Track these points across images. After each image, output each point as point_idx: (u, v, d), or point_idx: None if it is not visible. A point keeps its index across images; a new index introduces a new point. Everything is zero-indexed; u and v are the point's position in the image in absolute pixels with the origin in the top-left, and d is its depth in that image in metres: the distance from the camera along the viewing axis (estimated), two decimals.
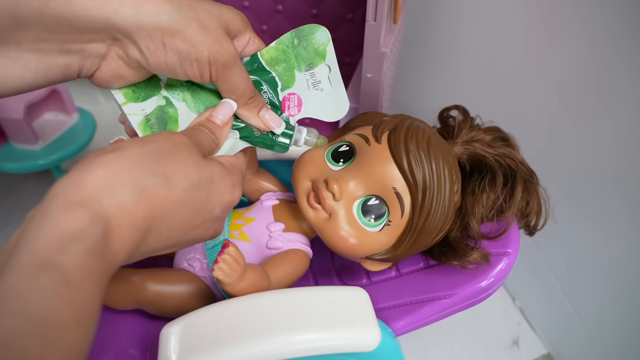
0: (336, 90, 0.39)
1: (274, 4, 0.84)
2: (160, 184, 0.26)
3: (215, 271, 0.35)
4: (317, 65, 0.38)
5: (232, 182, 0.32)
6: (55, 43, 0.29)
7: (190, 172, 0.28)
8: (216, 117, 0.34)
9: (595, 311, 0.67)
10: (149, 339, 0.42)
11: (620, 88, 0.55)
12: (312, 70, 0.38)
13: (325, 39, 0.37)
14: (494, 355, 0.75)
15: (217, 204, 0.30)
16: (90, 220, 0.23)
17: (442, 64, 0.85)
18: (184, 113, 0.35)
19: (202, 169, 0.29)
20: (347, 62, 0.86)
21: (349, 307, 0.36)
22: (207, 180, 0.29)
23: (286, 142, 0.38)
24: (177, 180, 0.27)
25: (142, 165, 0.26)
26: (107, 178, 0.24)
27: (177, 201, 0.27)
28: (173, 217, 0.27)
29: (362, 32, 0.53)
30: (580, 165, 0.63)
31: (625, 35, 0.52)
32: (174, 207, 0.27)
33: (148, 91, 0.35)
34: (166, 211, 0.27)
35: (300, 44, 0.37)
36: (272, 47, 0.37)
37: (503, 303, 0.82)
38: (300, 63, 0.38)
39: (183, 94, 0.35)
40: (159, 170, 0.26)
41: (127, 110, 0.34)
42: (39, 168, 0.81)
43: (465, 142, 0.43)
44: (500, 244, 0.42)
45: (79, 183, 0.24)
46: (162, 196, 0.26)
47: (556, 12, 0.60)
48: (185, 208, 0.28)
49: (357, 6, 0.78)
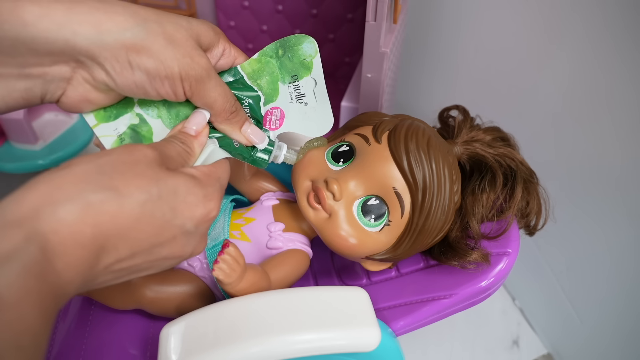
0: (321, 105, 0.37)
1: (274, 4, 0.84)
2: (109, 198, 0.24)
3: (215, 271, 0.35)
4: (302, 78, 0.36)
5: (205, 194, 0.29)
6: (14, 67, 0.27)
7: (147, 184, 0.26)
8: (189, 128, 0.32)
9: (595, 311, 0.67)
10: (149, 339, 0.42)
11: (621, 87, 0.55)
12: (297, 83, 0.36)
13: (313, 51, 0.36)
14: (494, 355, 0.75)
15: (186, 219, 0.28)
16: (25, 238, 0.21)
17: (442, 64, 0.85)
18: (159, 130, 0.34)
19: (162, 181, 0.27)
20: (347, 62, 0.86)
21: (349, 307, 0.36)
22: (169, 193, 0.27)
23: (265, 158, 0.36)
24: (130, 194, 0.25)
25: (89, 179, 0.24)
26: (48, 194, 0.23)
27: (132, 217, 0.25)
28: (131, 235, 0.25)
29: (362, 32, 0.53)
30: (581, 164, 0.63)
31: (625, 35, 0.52)
32: (130, 224, 0.25)
33: (120, 108, 0.33)
34: (121, 228, 0.24)
35: (285, 55, 0.36)
36: (254, 60, 0.36)
37: (503, 303, 0.82)
38: (285, 75, 0.36)
39: (158, 109, 0.33)
40: (109, 184, 0.24)
41: (99, 132, 0.32)
42: (39, 168, 0.81)
43: (465, 142, 0.43)
44: (500, 244, 0.42)
45: (19, 200, 0.22)
46: (113, 211, 0.24)
47: (556, 12, 0.60)
48: (144, 224, 0.26)
49: (357, 6, 0.78)
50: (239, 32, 0.91)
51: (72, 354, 0.40)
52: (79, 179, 0.24)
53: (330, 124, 0.38)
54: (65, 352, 0.40)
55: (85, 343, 0.40)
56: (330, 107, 0.37)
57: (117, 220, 0.24)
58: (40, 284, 0.21)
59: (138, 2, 0.91)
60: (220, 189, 0.32)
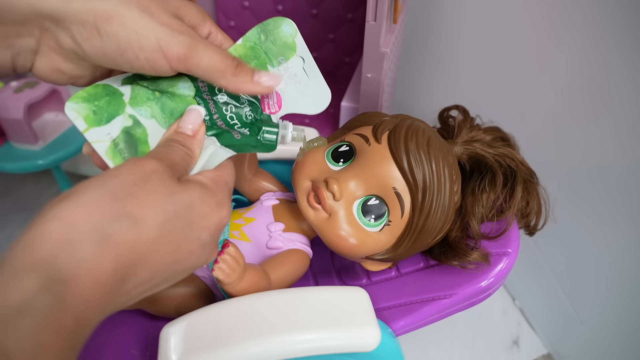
0: (314, 81, 0.37)
1: (274, 4, 0.84)
2: (126, 226, 0.23)
3: (215, 271, 0.35)
4: (290, 59, 0.36)
5: (217, 201, 0.28)
6: None
7: (162, 204, 0.24)
8: (185, 127, 0.30)
9: (595, 311, 0.67)
10: (149, 339, 0.42)
11: (621, 87, 0.55)
12: (286, 64, 0.36)
13: (292, 30, 0.35)
14: (494, 355, 0.75)
15: (202, 230, 0.27)
16: (39, 288, 0.20)
17: (442, 64, 0.85)
18: (154, 131, 0.32)
19: (177, 196, 0.25)
20: (347, 62, 0.86)
21: (349, 307, 0.36)
22: (185, 208, 0.25)
23: (272, 139, 0.35)
24: (146, 219, 0.23)
25: (102, 210, 0.22)
26: (61, 234, 0.21)
27: (151, 241, 0.24)
28: (152, 258, 0.24)
29: (362, 32, 0.53)
30: (580, 164, 0.63)
31: (625, 35, 0.52)
32: (150, 248, 0.24)
33: (111, 110, 0.31)
34: (141, 254, 0.23)
35: (268, 39, 0.35)
36: (240, 45, 0.35)
37: (503, 303, 0.82)
38: (272, 58, 0.36)
39: (151, 109, 0.32)
40: (123, 211, 0.23)
41: (90, 138, 0.30)
42: (39, 168, 0.81)
43: (465, 142, 0.43)
44: (500, 244, 0.42)
45: (30, 244, 0.21)
46: (132, 240, 0.23)
47: (556, 12, 0.60)
48: (163, 245, 0.24)
49: (357, 6, 0.78)
50: (239, 32, 0.91)
51: None
52: (92, 212, 0.22)
53: (328, 96, 0.37)
54: None
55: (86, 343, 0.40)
56: (324, 81, 0.37)
57: (136, 247, 0.23)
58: (57, 337, 0.20)
59: None
60: (229, 193, 0.30)
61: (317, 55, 0.90)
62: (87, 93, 0.31)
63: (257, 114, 0.36)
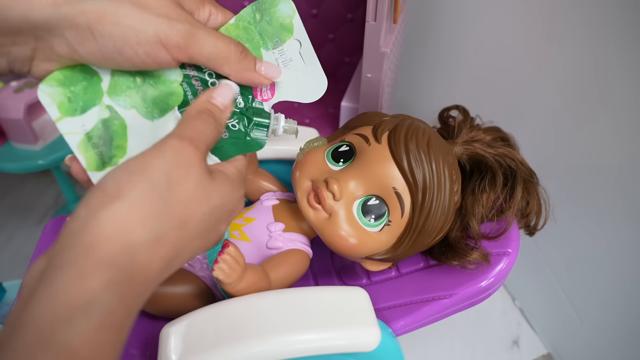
0: (311, 67, 0.34)
1: None
2: (173, 228, 0.24)
3: (215, 271, 0.35)
4: (286, 41, 0.33)
5: (239, 197, 0.29)
6: None
7: (200, 207, 0.26)
8: (217, 99, 0.29)
9: (595, 311, 0.67)
10: (149, 339, 0.42)
11: (621, 86, 0.55)
12: (281, 47, 0.33)
13: (290, 10, 0.33)
14: (494, 355, 0.75)
15: (223, 222, 0.29)
16: (104, 288, 0.21)
17: (442, 63, 0.85)
18: (135, 123, 0.30)
19: (212, 197, 0.27)
20: (347, 62, 0.86)
21: (349, 307, 0.36)
22: (216, 208, 0.27)
23: (262, 137, 0.33)
24: (188, 221, 0.25)
25: (152, 212, 0.24)
26: (120, 237, 0.22)
27: (190, 238, 0.26)
28: (186, 252, 0.26)
29: (362, 32, 0.53)
30: (581, 164, 0.63)
31: (624, 34, 0.52)
32: (187, 244, 0.26)
33: (87, 99, 0.29)
34: (180, 251, 0.25)
35: (264, 19, 0.33)
36: (232, 25, 0.32)
37: (503, 303, 0.83)
38: (266, 40, 0.33)
39: (131, 98, 0.30)
40: (170, 213, 0.24)
41: (63, 128, 0.28)
42: (39, 168, 0.81)
43: (465, 142, 0.43)
44: (500, 244, 0.41)
45: (89, 246, 0.22)
46: (176, 240, 0.25)
47: (556, 12, 0.60)
48: (197, 240, 0.27)
49: (357, 6, 0.78)
50: None
51: None
52: (143, 213, 0.23)
53: (324, 85, 0.35)
54: None
55: None
56: (320, 67, 0.35)
57: (178, 245, 0.25)
58: (114, 334, 0.21)
59: None
60: (245, 187, 0.32)
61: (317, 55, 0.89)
62: (63, 75, 0.29)
63: (247, 101, 0.34)
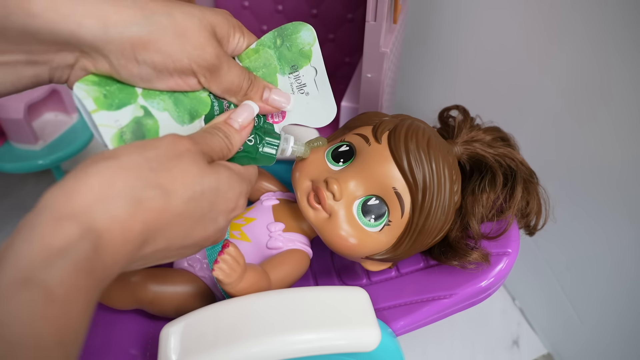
0: (323, 94, 0.36)
1: (274, 4, 0.84)
2: (157, 196, 0.25)
3: (216, 271, 0.35)
4: (302, 67, 0.35)
5: (241, 190, 0.30)
6: (22, 54, 0.28)
7: (191, 182, 0.26)
8: (234, 121, 0.32)
9: (595, 311, 0.67)
10: (149, 339, 0.42)
11: (621, 86, 0.55)
12: (297, 73, 0.35)
13: (311, 38, 0.35)
14: (494, 355, 0.75)
15: (220, 213, 0.29)
16: (80, 235, 0.22)
17: (442, 64, 0.85)
18: (167, 125, 0.32)
19: (206, 177, 0.27)
20: (347, 62, 0.86)
21: (348, 307, 0.36)
22: (212, 190, 0.28)
23: (272, 153, 0.35)
24: (176, 192, 0.26)
25: (139, 175, 0.25)
26: (101, 189, 0.23)
27: (175, 213, 0.26)
28: (171, 229, 0.26)
29: (362, 32, 0.53)
30: (581, 164, 0.63)
31: (625, 34, 0.52)
32: (173, 219, 0.26)
33: (123, 97, 0.30)
34: (164, 223, 0.25)
35: (284, 44, 0.34)
36: (252, 50, 0.34)
37: (503, 303, 0.82)
38: (284, 65, 0.35)
39: (164, 102, 0.31)
40: (156, 182, 0.25)
41: (98, 120, 0.29)
42: (39, 168, 0.81)
43: (465, 142, 0.43)
44: (500, 244, 0.41)
45: (71, 193, 0.23)
46: (160, 208, 0.25)
47: (556, 12, 0.60)
48: (185, 219, 0.27)
49: (357, 6, 0.78)
50: None
51: None
52: (129, 175, 0.24)
53: (334, 112, 0.37)
54: None
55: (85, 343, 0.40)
56: (332, 95, 0.36)
57: (162, 216, 0.25)
58: (88, 280, 0.22)
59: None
60: (249, 190, 0.32)
61: None
62: (98, 77, 0.30)
63: (260, 120, 0.35)
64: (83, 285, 0.21)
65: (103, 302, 0.40)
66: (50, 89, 0.83)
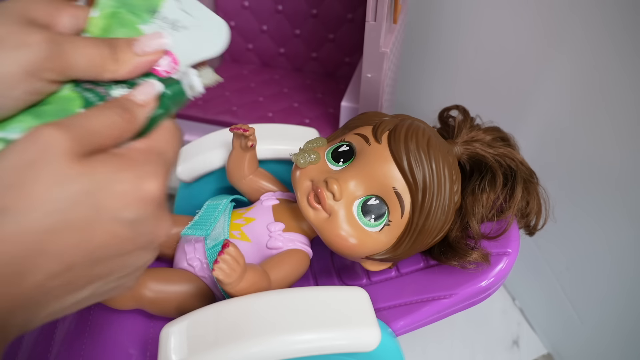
0: (200, 17, 0.31)
1: (274, 4, 0.84)
2: (4, 221, 0.20)
3: (215, 271, 0.35)
4: (161, 5, 0.30)
5: (137, 175, 0.24)
6: None
7: (48, 192, 0.21)
8: (135, 95, 0.26)
9: (595, 311, 0.67)
10: (149, 339, 0.42)
11: (621, 87, 0.55)
12: (159, 13, 0.30)
13: None
14: (494, 355, 0.75)
15: (119, 210, 0.23)
16: None
17: (442, 64, 0.85)
18: None
19: (71, 183, 0.22)
20: (347, 62, 0.86)
21: (348, 307, 0.36)
22: (84, 194, 0.22)
23: (180, 90, 0.30)
24: (27, 210, 0.21)
25: None
26: None
27: (42, 230, 0.21)
28: (52, 248, 0.22)
29: (362, 32, 0.53)
30: (581, 164, 0.63)
31: (624, 35, 0.52)
32: (44, 238, 0.21)
33: None
34: (30, 246, 0.21)
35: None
36: (96, 18, 0.29)
37: (503, 303, 0.82)
38: (141, 14, 0.30)
39: (24, 122, 0.26)
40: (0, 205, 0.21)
41: None
42: None
43: (465, 142, 0.43)
44: (500, 244, 0.42)
45: None
46: (13, 232, 0.21)
47: (556, 13, 0.60)
48: (65, 234, 0.22)
49: (357, 6, 0.79)
50: (239, 32, 0.91)
51: (72, 354, 0.40)
52: None
53: (223, 26, 0.31)
54: (65, 352, 0.40)
55: (85, 343, 0.40)
56: (212, 13, 0.31)
57: (22, 239, 0.21)
58: None
59: None
60: (165, 164, 0.26)
61: (317, 55, 0.90)
62: None
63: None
64: None
65: (103, 302, 0.41)
66: None
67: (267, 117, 0.78)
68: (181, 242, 0.45)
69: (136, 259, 0.25)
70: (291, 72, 0.92)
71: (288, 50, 0.90)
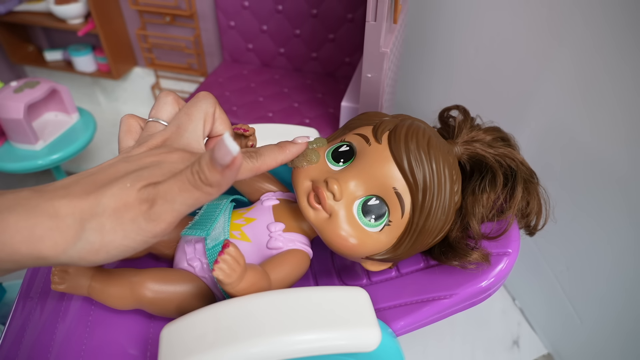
0: None
1: (274, 4, 0.84)
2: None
3: (216, 271, 0.35)
4: None
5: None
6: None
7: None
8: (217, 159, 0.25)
9: (595, 311, 0.67)
10: (149, 339, 0.42)
11: (622, 86, 0.55)
12: None
13: None
14: (494, 355, 0.75)
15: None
16: None
17: (442, 64, 0.85)
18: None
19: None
20: (347, 62, 0.86)
21: (349, 307, 0.36)
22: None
23: None
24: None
25: None
26: None
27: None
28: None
29: (362, 32, 0.53)
30: (581, 164, 0.63)
31: (625, 34, 0.52)
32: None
33: None
34: None
35: None
36: None
37: (503, 303, 0.83)
38: None
39: None
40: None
41: None
42: (39, 168, 0.81)
43: (465, 142, 0.43)
44: (501, 244, 0.41)
45: None
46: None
47: (556, 12, 0.60)
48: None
49: (357, 6, 0.79)
50: (239, 32, 0.91)
51: (72, 354, 0.39)
52: None
53: None
54: (65, 352, 0.39)
55: (85, 343, 0.40)
56: None
57: None
58: None
59: (139, 2, 0.91)
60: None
61: (317, 55, 0.90)
62: None
63: None
64: None
65: (103, 302, 0.40)
66: (50, 89, 0.83)
67: (267, 117, 0.78)
68: (181, 243, 0.45)
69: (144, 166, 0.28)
70: (291, 72, 0.92)
71: (288, 50, 0.90)
